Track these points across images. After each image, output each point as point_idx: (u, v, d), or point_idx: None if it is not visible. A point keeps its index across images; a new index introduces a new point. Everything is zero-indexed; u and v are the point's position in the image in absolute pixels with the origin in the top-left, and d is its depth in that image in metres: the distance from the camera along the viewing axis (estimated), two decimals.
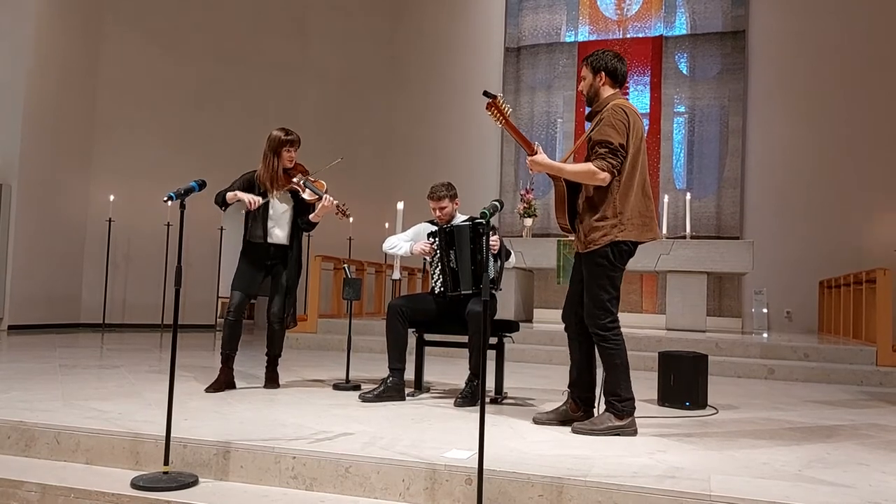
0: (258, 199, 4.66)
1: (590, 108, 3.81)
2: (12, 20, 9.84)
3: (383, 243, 5.00)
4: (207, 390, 4.57)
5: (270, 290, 4.87)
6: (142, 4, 11.44)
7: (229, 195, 4.70)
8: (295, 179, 4.78)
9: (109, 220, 10.44)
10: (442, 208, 4.73)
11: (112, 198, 10.44)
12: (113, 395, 4.27)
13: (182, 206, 3.20)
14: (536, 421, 3.81)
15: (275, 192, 4.78)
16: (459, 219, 4.77)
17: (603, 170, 3.51)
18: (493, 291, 4.47)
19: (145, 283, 11.00)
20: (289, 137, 4.76)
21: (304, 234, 4.99)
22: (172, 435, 2.96)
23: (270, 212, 4.77)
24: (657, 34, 11.93)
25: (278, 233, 4.81)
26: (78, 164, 10.89)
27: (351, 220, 5.31)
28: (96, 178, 11.04)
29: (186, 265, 3.70)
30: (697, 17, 11.82)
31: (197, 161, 10.42)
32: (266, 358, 4.93)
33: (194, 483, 2.89)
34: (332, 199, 4.71)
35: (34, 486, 2.89)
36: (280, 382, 4.93)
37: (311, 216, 4.83)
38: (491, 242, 4.28)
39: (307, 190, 4.76)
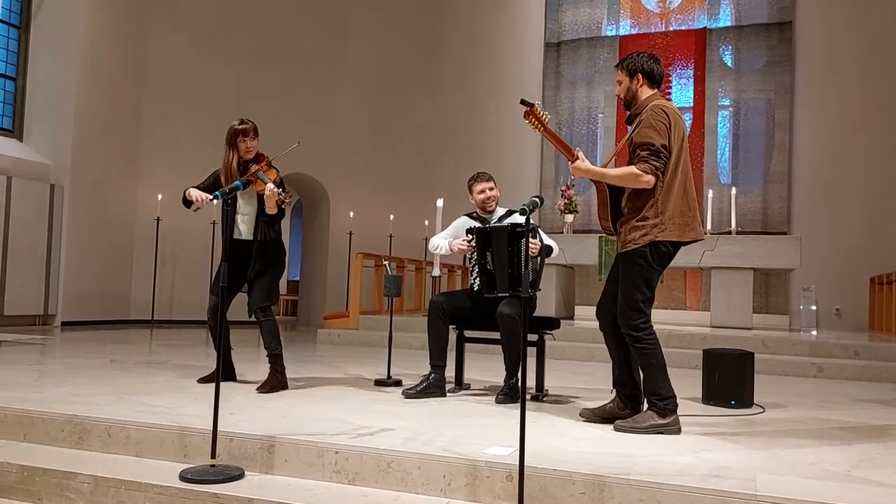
0: (206, 197, 4.43)
1: (628, 112, 3.77)
2: (63, 25, 10.13)
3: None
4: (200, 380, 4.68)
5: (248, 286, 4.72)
6: (186, 6, 11.67)
7: (187, 193, 4.55)
8: (252, 169, 4.59)
9: (157, 219, 10.68)
10: (490, 188, 4.71)
11: (160, 197, 10.68)
12: (161, 389, 4.37)
13: (227, 205, 3.26)
14: (582, 416, 3.83)
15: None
16: (499, 213, 4.76)
17: (646, 172, 3.48)
18: (531, 293, 4.42)
19: (192, 281, 11.23)
20: (241, 126, 4.60)
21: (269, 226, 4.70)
22: (219, 429, 3.02)
23: (238, 206, 4.63)
24: (701, 26, 11.73)
25: (242, 228, 4.67)
26: (126, 165, 11.18)
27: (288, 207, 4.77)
28: (144, 177, 11.31)
29: None
30: (742, 8, 11.59)
31: None
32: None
33: (240, 476, 2.94)
34: (273, 188, 4.46)
35: (87, 477, 2.97)
36: (288, 385, 4.59)
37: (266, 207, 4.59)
38: (531, 244, 4.22)
39: (258, 180, 4.56)
